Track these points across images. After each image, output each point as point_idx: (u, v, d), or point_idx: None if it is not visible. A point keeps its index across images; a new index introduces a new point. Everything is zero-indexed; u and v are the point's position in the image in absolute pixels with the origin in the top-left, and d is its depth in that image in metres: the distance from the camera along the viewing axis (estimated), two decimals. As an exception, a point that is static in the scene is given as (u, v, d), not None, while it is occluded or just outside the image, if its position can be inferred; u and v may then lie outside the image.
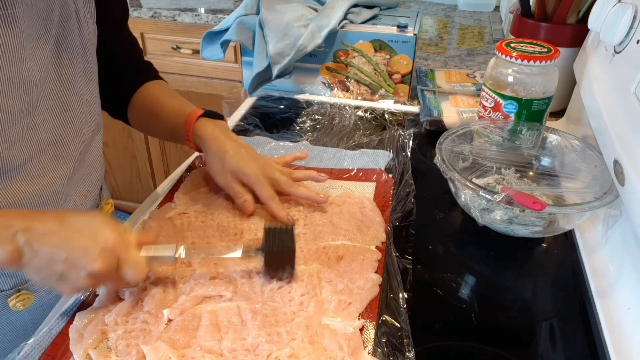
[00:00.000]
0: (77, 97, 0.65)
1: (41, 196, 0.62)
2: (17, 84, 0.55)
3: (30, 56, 0.56)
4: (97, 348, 0.51)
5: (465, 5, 1.76)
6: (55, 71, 0.61)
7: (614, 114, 0.64)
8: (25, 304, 0.65)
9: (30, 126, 0.58)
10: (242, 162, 0.68)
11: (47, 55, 0.59)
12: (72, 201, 0.67)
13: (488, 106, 0.81)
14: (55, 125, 0.62)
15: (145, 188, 2.13)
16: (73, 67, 0.63)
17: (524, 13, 0.97)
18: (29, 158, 0.59)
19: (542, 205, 0.59)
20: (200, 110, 0.74)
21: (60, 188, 0.64)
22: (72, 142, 0.65)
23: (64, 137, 0.64)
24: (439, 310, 0.60)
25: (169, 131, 0.77)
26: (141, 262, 0.53)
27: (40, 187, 0.61)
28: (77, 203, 0.69)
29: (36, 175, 0.61)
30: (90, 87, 0.68)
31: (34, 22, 0.56)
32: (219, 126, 0.73)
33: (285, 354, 0.50)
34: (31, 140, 0.59)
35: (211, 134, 0.71)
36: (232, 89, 1.76)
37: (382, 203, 0.73)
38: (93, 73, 0.69)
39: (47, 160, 0.62)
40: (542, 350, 0.56)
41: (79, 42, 0.63)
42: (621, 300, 0.57)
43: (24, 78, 0.55)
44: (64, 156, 0.64)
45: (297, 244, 0.57)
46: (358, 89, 1.08)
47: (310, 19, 1.02)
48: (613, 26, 0.67)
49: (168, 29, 1.73)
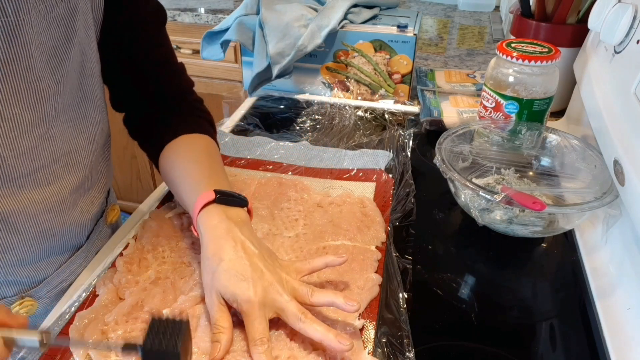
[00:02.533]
0: (94, 106, 0.63)
1: (47, 203, 0.60)
2: (24, 94, 0.52)
3: (43, 66, 0.53)
4: (97, 348, 0.51)
5: (465, 5, 1.76)
6: (78, 81, 0.58)
7: (614, 114, 0.64)
8: (29, 311, 0.64)
9: (47, 137, 0.56)
10: (235, 283, 0.50)
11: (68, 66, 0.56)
12: (78, 208, 0.65)
13: (489, 106, 0.81)
14: (72, 135, 0.60)
15: (145, 188, 2.13)
16: (93, 77, 0.61)
17: (524, 13, 0.97)
18: (40, 167, 0.57)
19: (542, 205, 0.59)
20: (211, 193, 0.57)
21: (68, 196, 0.62)
22: (85, 151, 0.63)
23: (79, 146, 0.62)
24: (439, 310, 0.60)
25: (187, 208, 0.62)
26: None
27: (48, 194, 0.60)
28: (84, 210, 0.66)
29: (46, 184, 0.59)
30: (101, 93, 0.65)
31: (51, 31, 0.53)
32: (229, 218, 0.56)
33: (285, 354, 0.50)
34: (45, 150, 0.57)
35: (213, 230, 0.55)
36: (232, 89, 1.76)
37: (382, 203, 0.73)
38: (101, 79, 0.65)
39: (59, 169, 0.60)
40: (542, 350, 0.56)
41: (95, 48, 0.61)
42: (621, 300, 0.57)
43: (34, 88, 0.53)
44: (75, 165, 0.62)
45: (191, 341, 0.46)
46: (358, 89, 1.08)
47: (310, 19, 1.02)
48: (613, 26, 0.67)
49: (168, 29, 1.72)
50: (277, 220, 0.69)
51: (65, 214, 0.63)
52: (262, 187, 0.76)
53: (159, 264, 0.61)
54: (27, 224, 0.59)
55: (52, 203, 0.60)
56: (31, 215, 0.59)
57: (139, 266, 0.61)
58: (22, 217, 0.58)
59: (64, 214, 0.63)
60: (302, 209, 0.71)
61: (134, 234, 0.66)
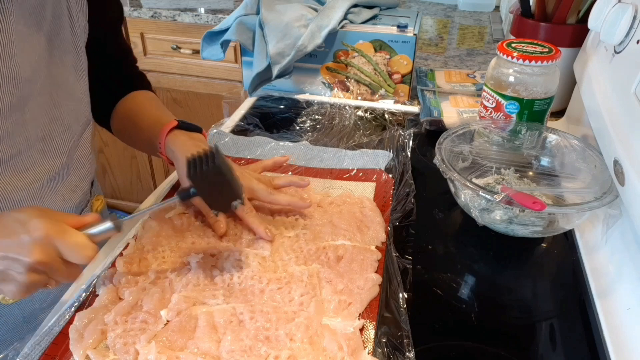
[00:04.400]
0: (68, 94, 0.65)
1: (29, 190, 0.62)
2: (6, 79, 0.55)
3: (21, 52, 0.56)
4: (96, 348, 0.51)
5: (465, 5, 1.76)
6: (47, 68, 0.61)
7: (614, 114, 0.64)
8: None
9: (20, 122, 0.59)
10: None
11: (39, 52, 0.59)
12: (60, 195, 0.68)
13: (489, 106, 0.81)
14: (45, 121, 0.62)
15: (145, 188, 2.13)
16: (64, 65, 0.63)
17: (524, 13, 0.97)
18: (17, 153, 0.59)
19: (542, 205, 0.59)
20: (174, 122, 0.70)
21: (47, 182, 0.65)
22: (61, 138, 0.65)
23: (53, 133, 0.64)
24: (439, 310, 0.60)
25: (146, 143, 0.74)
26: (82, 241, 0.50)
27: (27, 181, 0.62)
28: (66, 197, 0.69)
29: (24, 170, 0.61)
30: (80, 84, 0.68)
31: (25, 18, 0.56)
32: (193, 138, 0.69)
33: (285, 354, 0.50)
34: (20, 135, 0.59)
35: (182, 145, 0.67)
36: (232, 89, 1.76)
37: (382, 203, 0.73)
38: (84, 70, 0.69)
39: (36, 155, 0.62)
40: (542, 350, 0.55)
41: (70, 39, 0.63)
42: (621, 300, 0.57)
43: (14, 73, 0.55)
44: (52, 151, 0.64)
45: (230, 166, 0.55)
46: (358, 89, 1.08)
47: (310, 19, 1.02)
48: (613, 26, 0.67)
49: (168, 29, 1.73)
50: (277, 220, 0.69)
51: (46, 200, 0.65)
52: (262, 187, 0.75)
53: (159, 264, 0.61)
54: None
55: (34, 189, 0.63)
56: (16, 202, 0.61)
57: (138, 266, 0.61)
58: (8, 205, 0.60)
59: (46, 200, 0.65)
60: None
61: (134, 234, 0.66)
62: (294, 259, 0.62)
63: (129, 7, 1.71)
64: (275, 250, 0.64)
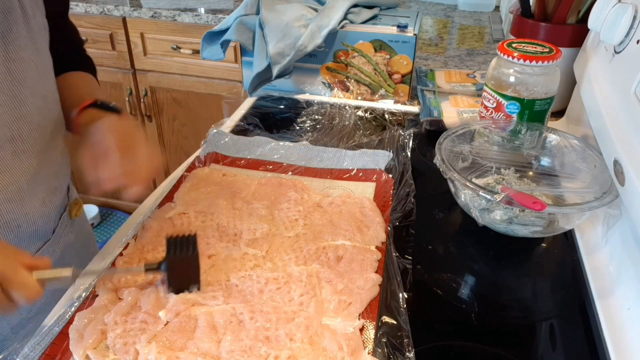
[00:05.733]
0: (31, 91, 0.63)
1: (5, 193, 0.62)
2: None
3: None
4: (96, 348, 0.51)
5: (465, 5, 1.76)
6: (4, 64, 0.59)
7: (614, 114, 0.64)
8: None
9: None
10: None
11: None
12: (39, 198, 0.67)
13: (490, 106, 0.81)
14: (10, 120, 0.61)
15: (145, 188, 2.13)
16: (24, 61, 0.62)
17: (524, 13, 0.97)
18: None
19: (542, 205, 0.59)
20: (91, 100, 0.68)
21: (25, 185, 0.64)
22: (31, 138, 0.64)
23: (22, 132, 0.63)
24: (439, 310, 0.60)
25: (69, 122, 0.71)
26: (30, 283, 0.50)
27: (4, 183, 0.61)
28: (46, 200, 0.68)
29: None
30: (44, 81, 0.66)
31: None
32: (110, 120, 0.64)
33: (285, 354, 0.50)
34: None
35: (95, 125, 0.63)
36: (232, 89, 1.76)
37: (382, 203, 0.73)
38: (47, 67, 0.67)
39: (7, 156, 0.61)
40: (542, 350, 0.55)
41: (25, 35, 0.62)
42: (621, 300, 0.57)
43: None
44: (24, 152, 0.63)
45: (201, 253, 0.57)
46: (358, 89, 1.08)
47: (310, 19, 1.02)
48: (613, 26, 0.67)
49: (168, 29, 1.73)
50: (277, 220, 0.69)
51: (26, 204, 0.65)
52: (262, 187, 0.75)
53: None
54: None
55: (11, 192, 0.63)
56: None
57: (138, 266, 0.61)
58: None
59: (25, 203, 0.65)
60: (302, 209, 0.71)
61: (134, 234, 0.66)
62: (293, 259, 0.62)
63: (129, 7, 1.71)
64: (275, 250, 0.64)
